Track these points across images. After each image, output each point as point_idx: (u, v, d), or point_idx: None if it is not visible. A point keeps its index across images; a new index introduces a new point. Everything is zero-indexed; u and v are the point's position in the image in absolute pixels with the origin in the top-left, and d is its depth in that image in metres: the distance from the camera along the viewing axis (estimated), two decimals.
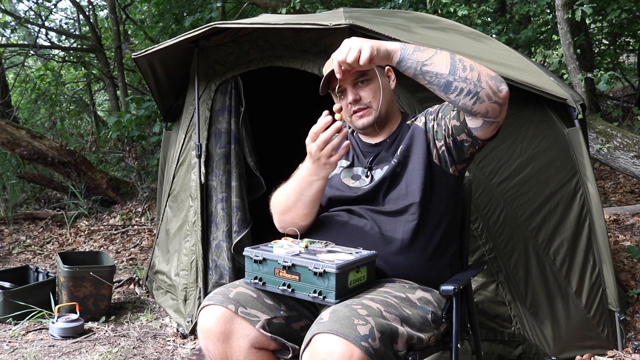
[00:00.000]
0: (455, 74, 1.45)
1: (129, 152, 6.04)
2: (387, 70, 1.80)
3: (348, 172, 1.79)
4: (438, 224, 1.68)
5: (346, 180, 1.77)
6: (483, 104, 1.47)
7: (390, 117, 1.79)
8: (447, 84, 1.46)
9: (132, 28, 9.41)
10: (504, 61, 2.58)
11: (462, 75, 1.45)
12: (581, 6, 4.13)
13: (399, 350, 1.38)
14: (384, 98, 1.74)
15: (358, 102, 1.72)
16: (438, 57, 1.47)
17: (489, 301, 2.28)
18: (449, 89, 1.47)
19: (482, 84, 1.45)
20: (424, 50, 1.48)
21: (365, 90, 1.71)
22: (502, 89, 1.47)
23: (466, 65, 1.46)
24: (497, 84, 1.47)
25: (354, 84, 1.71)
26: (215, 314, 1.49)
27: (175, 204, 3.14)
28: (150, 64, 2.95)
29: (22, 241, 5.00)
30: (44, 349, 2.69)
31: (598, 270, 2.40)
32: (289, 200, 1.70)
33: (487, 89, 1.46)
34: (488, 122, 1.53)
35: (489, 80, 1.46)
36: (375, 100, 1.72)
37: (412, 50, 1.48)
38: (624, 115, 6.22)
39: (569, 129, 2.47)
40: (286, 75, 3.11)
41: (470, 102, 1.47)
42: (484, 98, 1.46)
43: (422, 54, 1.47)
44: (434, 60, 1.47)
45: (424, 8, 5.42)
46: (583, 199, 2.41)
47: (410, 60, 1.47)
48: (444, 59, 1.47)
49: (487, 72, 1.48)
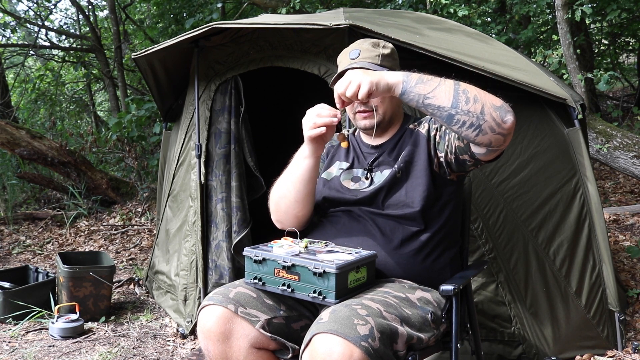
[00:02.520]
0: (458, 107, 1.43)
1: (128, 152, 6.04)
2: None
3: (348, 174, 1.79)
4: (438, 225, 1.68)
5: (346, 183, 1.76)
6: (486, 136, 1.44)
7: (393, 120, 1.78)
8: (450, 117, 1.44)
9: (132, 28, 9.41)
10: (504, 61, 2.58)
11: (465, 108, 1.42)
12: (581, 6, 4.13)
13: (399, 350, 1.38)
14: (391, 103, 1.73)
15: (364, 104, 1.71)
16: (441, 90, 1.44)
17: (488, 301, 2.28)
18: (452, 122, 1.45)
19: (486, 116, 1.42)
20: (427, 82, 1.45)
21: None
22: (507, 119, 1.43)
23: (469, 97, 1.43)
24: (501, 115, 1.43)
25: None
26: (215, 314, 1.49)
27: (175, 204, 3.14)
28: (150, 64, 2.95)
29: (22, 241, 5.00)
30: (44, 349, 2.68)
31: (598, 270, 2.40)
32: (283, 186, 1.72)
33: (491, 121, 1.43)
34: (492, 151, 1.51)
35: (493, 112, 1.42)
36: (381, 105, 1.71)
37: (414, 82, 1.45)
38: (623, 115, 6.22)
39: (568, 129, 2.47)
40: (286, 75, 3.11)
41: (473, 134, 1.45)
42: (487, 130, 1.43)
43: (425, 87, 1.45)
44: (436, 93, 1.44)
45: (423, 8, 5.42)
46: (583, 199, 2.41)
47: (412, 94, 1.45)
48: (446, 92, 1.44)
49: (493, 102, 1.44)
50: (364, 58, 1.69)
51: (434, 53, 2.23)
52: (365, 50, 1.71)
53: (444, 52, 2.26)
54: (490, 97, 1.45)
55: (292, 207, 1.71)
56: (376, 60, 1.69)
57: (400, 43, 2.15)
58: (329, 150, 1.88)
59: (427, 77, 1.46)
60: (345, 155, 1.84)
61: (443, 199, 1.69)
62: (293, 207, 1.71)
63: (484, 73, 2.26)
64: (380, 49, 1.72)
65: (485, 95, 1.45)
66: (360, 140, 1.85)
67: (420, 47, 2.21)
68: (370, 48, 1.71)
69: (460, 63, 2.24)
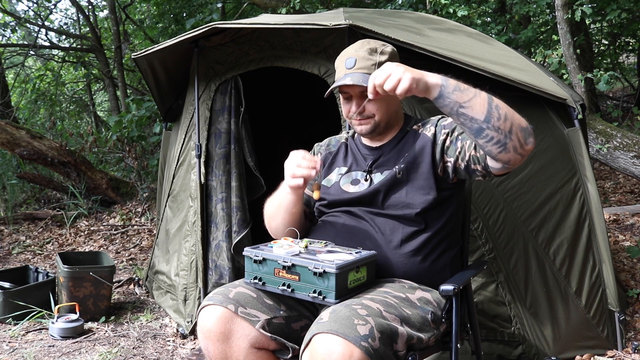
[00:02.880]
0: (490, 122, 1.43)
1: (128, 152, 6.04)
2: None
3: (347, 177, 1.78)
4: (439, 226, 1.68)
5: (345, 187, 1.76)
6: (508, 154, 1.47)
7: (392, 124, 1.77)
8: (480, 130, 1.44)
9: (132, 28, 9.41)
10: (504, 61, 2.58)
11: (496, 125, 1.43)
12: (581, 6, 4.13)
13: (399, 350, 1.38)
14: (388, 109, 1.71)
15: (360, 113, 1.70)
16: (476, 101, 1.43)
17: (488, 301, 2.28)
18: (480, 134, 1.45)
19: (512, 135, 1.44)
20: (464, 91, 1.44)
21: (371, 103, 1.68)
22: (529, 141, 1.47)
23: (501, 114, 1.43)
24: (525, 136, 1.46)
25: (360, 95, 1.68)
26: (215, 314, 1.49)
27: (175, 204, 3.14)
28: (150, 64, 2.95)
29: (22, 241, 5.00)
30: (44, 349, 2.68)
31: (598, 270, 2.40)
32: (272, 208, 1.78)
33: (516, 141, 1.45)
34: (506, 167, 1.53)
35: (519, 132, 1.45)
36: (379, 112, 1.70)
37: (452, 88, 1.44)
38: (623, 115, 6.22)
39: (568, 129, 2.47)
40: (286, 75, 3.11)
41: (497, 150, 1.46)
42: (510, 149, 1.45)
43: (462, 95, 1.43)
44: (472, 104, 1.43)
45: (423, 8, 5.42)
46: (583, 199, 2.41)
47: (448, 99, 1.44)
48: (482, 104, 1.43)
49: (520, 123, 1.45)
50: (359, 68, 1.65)
51: (434, 53, 2.23)
52: (362, 59, 1.66)
53: (444, 52, 2.26)
54: (518, 118, 1.46)
55: (281, 229, 1.77)
56: (372, 69, 1.63)
57: (401, 43, 2.15)
58: (327, 157, 1.88)
59: (464, 86, 1.45)
60: (343, 159, 1.84)
61: (444, 200, 1.69)
62: (282, 229, 1.77)
63: (484, 73, 2.26)
64: (377, 56, 1.67)
65: (514, 114, 1.45)
66: (359, 142, 1.84)
67: (420, 47, 2.21)
68: (366, 56, 1.66)
69: (461, 63, 2.24)
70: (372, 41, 1.73)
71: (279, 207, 1.74)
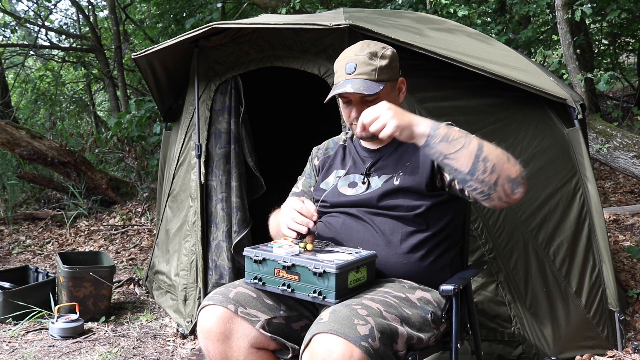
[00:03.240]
0: (474, 175, 1.43)
1: (128, 152, 6.04)
2: (400, 82, 1.75)
3: (345, 180, 1.78)
4: (439, 226, 1.67)
5: (343, 190, 1.76)
6: (492, 202, 1.48)
7: None
8: (464, 180, 1.46)
9: (131, 28, 9.41)
10: (504, 61, 2.58)
11: (480, 178, 1.43)
12: (581, 6, 4.13)
13: (399, 350, 1.38)
14: None
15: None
16: (463, 154, 1.43)
17: (488, 301, 2.28)
18: (464, 184, 1.48)
19: (498, 187, 1.44)
20: (452, 142, 1.43)
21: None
22: (517, 192, 1.45)
23: (488, 166, 1.42)
24: (513, 187, 1.44)
25: (360, 100, 1.67)
26: (215, 314, 1.49)
27: (175, 204, 3.14)
28: (150, 64, 2.95)
29: (22, 241, 5.00)
30: (44, 349, 2.69)
31: (598, 270, 2.40)
32: (274, 231, 1.84)
33: (501, 192, 1.44)
34: (493, 206, 1.53)
35: (505, 184, 1.44)
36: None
37: (438, 140, 1.44)
38: (623, 115, 6.22)
39: (568, 129, 2.47)
40: (286, 75, 3.11)
41: (480, 198, 1.48)
42: (495, 199, 1.46)
43: (449, 147, 1.43)
44: (457, 156, 1.43)
45: (423, 8, 5.42)
46: (583, 199, 2.41)
47: (434, 149, 1.45)
48: (468, 157, 1.43)
49: (509, 173, 1.44)
50: (359, 74, 1.63)
51: (434, 53, 2.23)
52: (362, 64, 1.64)
53: (444, 52, 2.26)
54: (508, 167, 1.44)
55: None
56: (372, 75, 1.63)
57: (401, 43, 2.15)
58: (325, 161, 1.88)
59: (455, 135, 1.44)
60: (341, 162, 1.83)
61: (444, 202, 1.69)
62: None
63: (484, 73, 2.26)
64: (377, 60, 1.65)
65: (504, 164, 1.44)
66: (358, 144, 1.84)
67: (420, 47, 2.21)
68: (367, 61, 1.64)
69: (460, 63, 2.24)
70: (372, 44, 1.70)
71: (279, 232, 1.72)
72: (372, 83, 1.63)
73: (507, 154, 1.46)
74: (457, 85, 2.42)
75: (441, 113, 2.34)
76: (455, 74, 2.34)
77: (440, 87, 2.41)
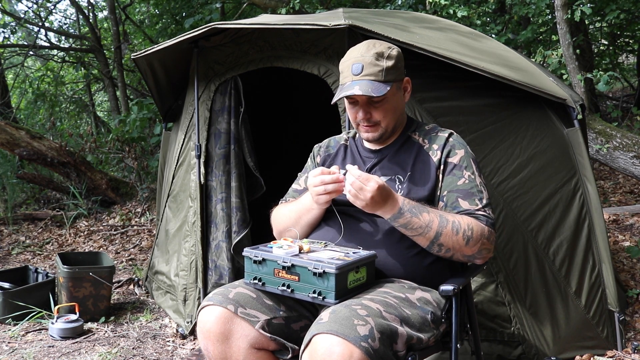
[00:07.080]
0: (431, 249, 1.61)
1: (128, 152, 6.04)
2: (405, 82, 1.76)
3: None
4: None
5: None
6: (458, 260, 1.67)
7: (397, 128, 1.77)
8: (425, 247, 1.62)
9: (131, 28, 9.41)
10: (503, 61, 2.58)
11: (436, 252, 1.61)
12: (580, 6, 4.13)
13: (399, 350, 1.38)
14: (394, 115, 1.72)
15: (367, 119, 1.70)
16: (420, 239, 1.58)
17: (488, 301, 2.28)
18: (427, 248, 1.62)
19: (454, 257, 1.63)
20: (410, 229, 1.57)
21: (378, 111, 1.68)
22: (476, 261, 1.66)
23: (442, 249, 1.59)
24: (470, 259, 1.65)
25: (367, 101, 1.68)
26: (214, 314, 1.49)
27: (174, 204, 3.14)
28: (150, 64, 2.95)
29: (22, 241, 5.00)
30: (44, 350, 2.68)
31: (597, 270, 2.40)
32: (289, 221, 1.77)
33: (461, 259, 1.65)
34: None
35: (461, 257, 1.64)
36: (385, 119, 1.69)
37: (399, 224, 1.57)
38: (623, 115, 6.22)
39: (568, 129, 2.47)
40: (286, 75, 3.11)
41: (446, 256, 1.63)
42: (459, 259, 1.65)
43: (406, 231, 1.58)
44: (416, 238, 1.59)
45: (423, 9, 5.42)
46: (582, 199, 2.41)
47: (396, 224, 1.58)
48: (424, 240, 1.58)
49: (464, 253, 1.61)
50: (366, 75, 1.63)
51: (434, 53, 2.23)
52: (369, 65, 1.64)
53: (444, 52, 2.26)
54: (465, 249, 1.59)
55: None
56: (379, 76, 1.63)
57: (400, 43, 2.15)
58: (326, 159, 1.88)
59: (414, 224, 1.56)
60: (342, 161, 1.83)
61: None
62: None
63: (483, 73, 2.26)
64: (384, 61, 1.65)
65: (461, 248, 1.59)
66: (360, 144, 1.84)
67: (420, 47, 2.21)
68: (373, 62, 1.64)
69: (460, 63, 2.24)
70: (378, 43, 1.70)
71: (299, 220, 1.74)
72: (379, 84, 1.63)
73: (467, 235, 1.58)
74: (457, 86, 2.42)
75: (441, 113, 2.34)
76: (455, 74, 2.34)
77: (440, 87, 2.41)
